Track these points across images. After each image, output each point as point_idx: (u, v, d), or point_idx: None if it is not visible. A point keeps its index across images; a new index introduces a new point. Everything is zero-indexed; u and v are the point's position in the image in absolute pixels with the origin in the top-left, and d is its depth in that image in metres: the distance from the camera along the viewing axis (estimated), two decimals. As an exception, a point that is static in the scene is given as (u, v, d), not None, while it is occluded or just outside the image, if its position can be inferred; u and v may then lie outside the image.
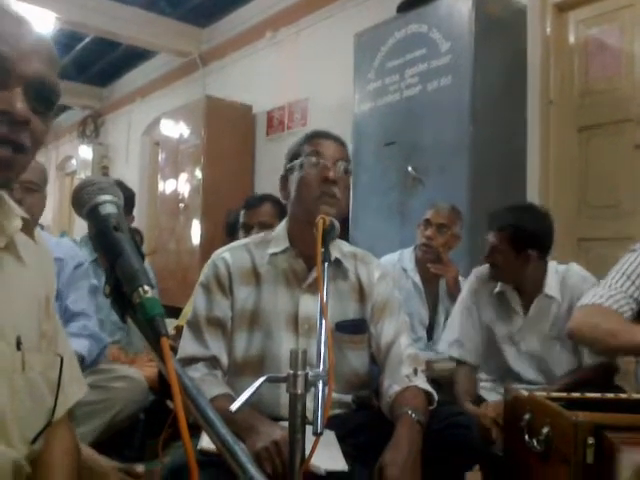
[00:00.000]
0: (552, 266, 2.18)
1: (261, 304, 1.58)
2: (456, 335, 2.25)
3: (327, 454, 1.28)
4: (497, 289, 2.21)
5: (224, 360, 1.56)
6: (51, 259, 1.07)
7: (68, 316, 2.03)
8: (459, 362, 2.23)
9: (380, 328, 1.63)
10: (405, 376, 1.54)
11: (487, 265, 2.23)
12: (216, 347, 1.55)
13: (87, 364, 1.98)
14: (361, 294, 1.65)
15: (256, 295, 1.58)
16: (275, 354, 1.54)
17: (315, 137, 1.60)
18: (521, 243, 2.09)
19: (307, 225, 1.51)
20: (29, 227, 0.97)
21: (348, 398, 1.61)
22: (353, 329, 1.62)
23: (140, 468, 1.28)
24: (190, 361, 1.53)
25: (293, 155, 1.61)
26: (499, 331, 2.22)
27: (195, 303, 1.61)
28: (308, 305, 1.57)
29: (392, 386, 1.54)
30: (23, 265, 0.95)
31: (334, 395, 1.48)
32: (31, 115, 0.85)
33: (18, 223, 0.93)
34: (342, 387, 1.57)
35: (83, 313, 2.06)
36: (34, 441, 0.94)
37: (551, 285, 2.14)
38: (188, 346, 1.56)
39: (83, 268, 2.14)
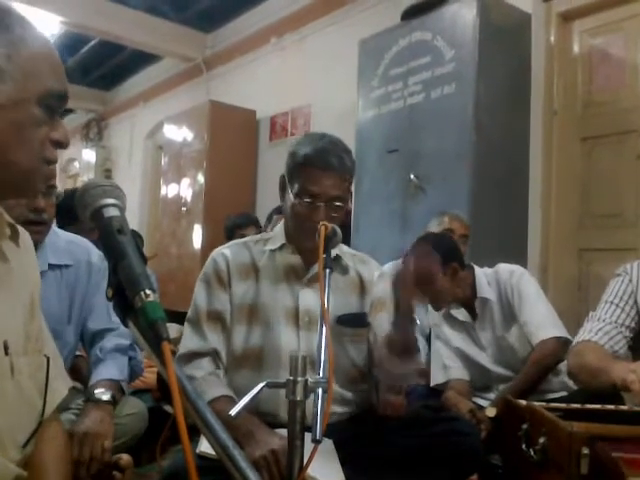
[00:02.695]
0: (480, 271, 2.28)
1: (260, 298, 1.59)
2: (439, 362, 2.32)
3: (325, 465, 1.28)
4: (442, 312, 2.32)
5: (224, 354, 1.57)
6: (33, 257, 1.05)
7: (89, 337, 1.79)
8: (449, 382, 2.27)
9: (378, 320, 1.62)
10: None
11: None
12: (215, 340, 1.56)
13: (127, 381, 1.74)
14: (362, 288, 1.67)
15: (255, 290, 1.60)
16: (275, 347, 1.55)
17: (311, 166, 1.52)
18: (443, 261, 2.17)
19: (302, 230, 1.53)
20: (16, 234, 0.97)
21: (349, 395, 1.61)
22: (355, 322, 1.62)
23: (125, 458, 1.26)
24: (192, 356, 1.54)
25: (290, 175, 1.57)
26: (465, 344, 2.29)
27: (195, 298, 1.62)
28: (308, 298, 1.59)
29: None
30: (8, 269, 0.94)
31: (335, 391, 1.48)
32: None
33: (7, 231, 0.94)
34: (343, 381, 1.58)
35: (105, 329, 1.78)
36: (25, 444, 0.93)
37: (483, 288, 2.23)
38: (189, 341, 1.57)
39: (95, 269, 1.82)
